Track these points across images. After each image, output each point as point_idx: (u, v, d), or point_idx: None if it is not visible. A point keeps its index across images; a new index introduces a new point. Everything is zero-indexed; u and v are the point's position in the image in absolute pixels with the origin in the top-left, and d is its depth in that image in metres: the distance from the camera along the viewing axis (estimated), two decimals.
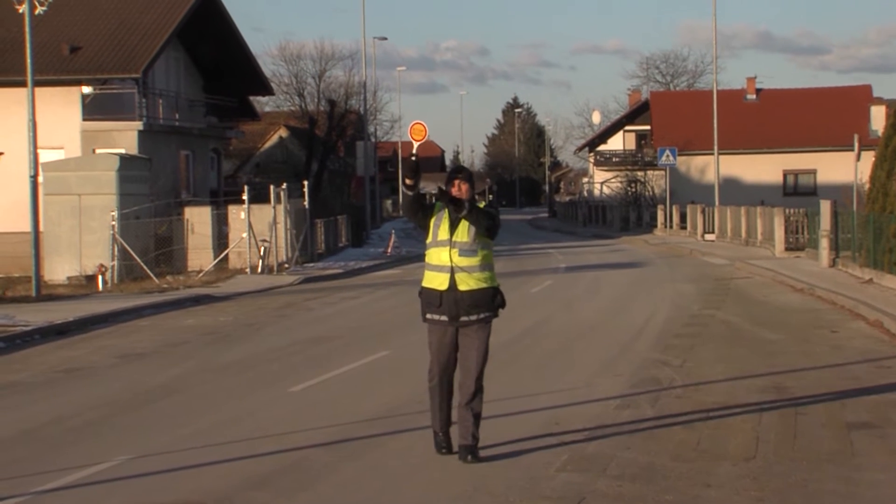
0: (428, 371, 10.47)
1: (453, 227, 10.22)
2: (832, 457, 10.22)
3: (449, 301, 10.19)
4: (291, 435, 11.53)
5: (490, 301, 10.31)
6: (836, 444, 10.72)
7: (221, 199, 44.36)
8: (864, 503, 8.83)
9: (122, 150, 40.09)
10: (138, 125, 42.39)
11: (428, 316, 10.33)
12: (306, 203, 41.48)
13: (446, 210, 10.27)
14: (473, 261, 10.21)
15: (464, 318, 10.24)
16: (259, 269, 35.72)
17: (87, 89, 43.09)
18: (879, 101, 71.80)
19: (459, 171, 10.47)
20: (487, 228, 10.25)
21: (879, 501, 8.86)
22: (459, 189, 10.25)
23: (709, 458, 10.21)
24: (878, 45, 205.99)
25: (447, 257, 10.19)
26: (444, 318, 10.24)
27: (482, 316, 10.30)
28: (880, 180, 27.73)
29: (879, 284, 25.37)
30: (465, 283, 10.19)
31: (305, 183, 43.76)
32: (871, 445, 10.66)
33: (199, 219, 37.95)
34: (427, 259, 10.37)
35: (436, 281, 10.24)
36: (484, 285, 10.25)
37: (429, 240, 10.36)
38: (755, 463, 10.02)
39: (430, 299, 10.26)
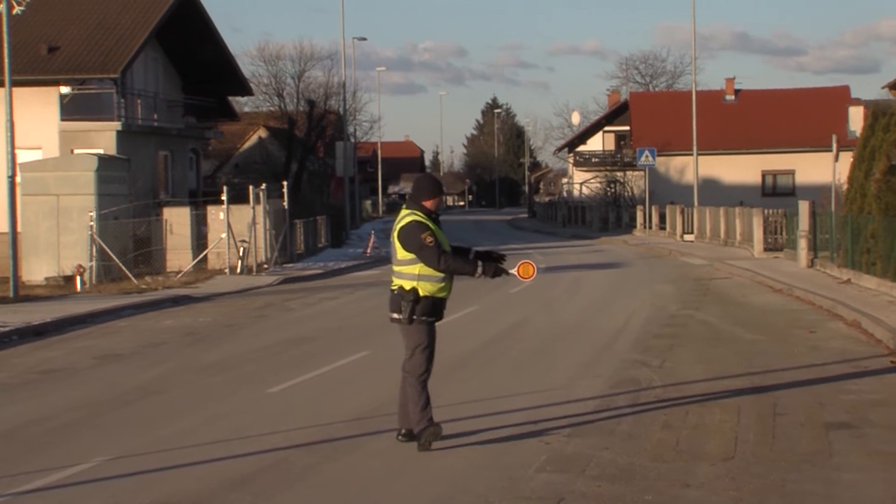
0: (423, 367, 10.68)
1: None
2: (810, 457, 10.26)
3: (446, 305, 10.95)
4: (271, 436, 11.51)
5: None
6: (815, 445, 10.76)
7: (200, 199, 44.26)
8: (842, 503, 8.85)
9: (101, 151, 39.94)
10: (117, 125, 42.26)
11: (430, 318, 10.72)
12: (286, 203, 41.41)
13: (432, 224, 10.70)
14: None
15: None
16: (238, 270, 35.64)
17: (65, 89, 42.93)
18: (857, 101, 71.98)
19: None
20: None
21: (857, 501, 8.89)
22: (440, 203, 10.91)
23: (688, 459, 10.23)
24: (853, 47, 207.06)
25: None
26: (435, 318, 10.79)
27: None
28: (858, 181, 27.82)
29: (857, 285, 25.46)
30: None
31: (285, 183, 43.66)
32: (850, 446, 10.69)
33: (177, 219, 37.85)
34: (433, 272, 10.68)
35: (445, 290, 10.80)
36: None
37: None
38: (734, 463, 10.05)
39: (438, 306, 10.79)
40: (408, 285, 10.63)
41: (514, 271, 10.91)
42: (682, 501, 8.91)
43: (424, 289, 10.62)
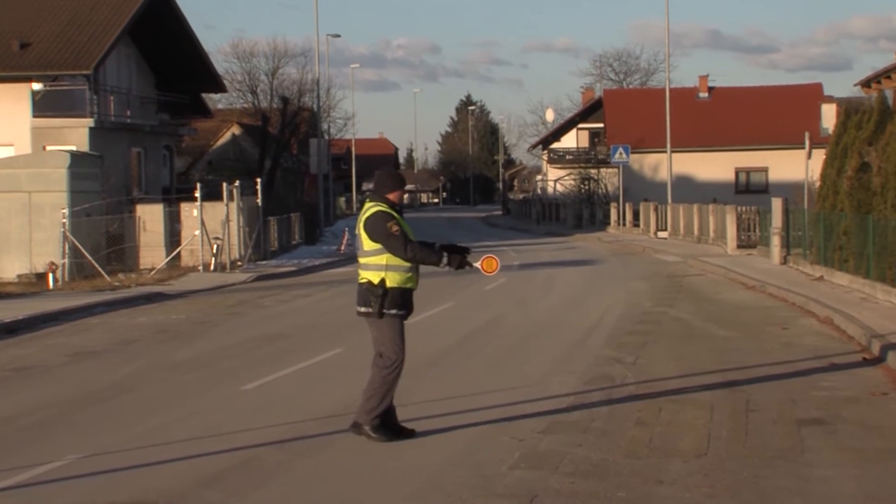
0: (393, 366, 10.72)
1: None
2: (783, 453, 10.29)
3: (413, 297, 10.98)
4: (244, 433, 11.48)
5: None
6: (787, 441, 10.79)
7: (174, 196, 44.11)
8: (814, 499, 8.88)
9: (73, 148, 39.78)
10: (89, 122, 42.12)
11: (400, 312, 10.75)
12: (259, 201, 41.32)
13: (398, 216, 10.78)
14: None
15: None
16: (212, 267, 35.55)
17: (37, 86, 42.77)
18: (830, 99, 72.29)
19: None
20: None
21: (829, 498, 8.92)
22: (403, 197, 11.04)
23: (661, 455, 10.25)
24: (825, 45, 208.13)
25: None
26: (404, 312, 10.83)
27: None
28: (831, 178, 27.94)
29: (830, 281, 25.57)
30: None
31: (258, 180, 43.59)
32: (822, 442, 10.73)
33: (151, 216, 37.74)
34: (402, 262, 10.75)
35: (412, 281, 10.86)
36: None
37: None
38: (707, 459, 10.07)
39: (406, 298, 10.81)
40: (376, 277, 10.68)
41: (477, 265, 11.00)
42: (656, 498, 8.92)
43: (392, 279, 10.67)
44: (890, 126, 23.78)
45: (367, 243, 10.72)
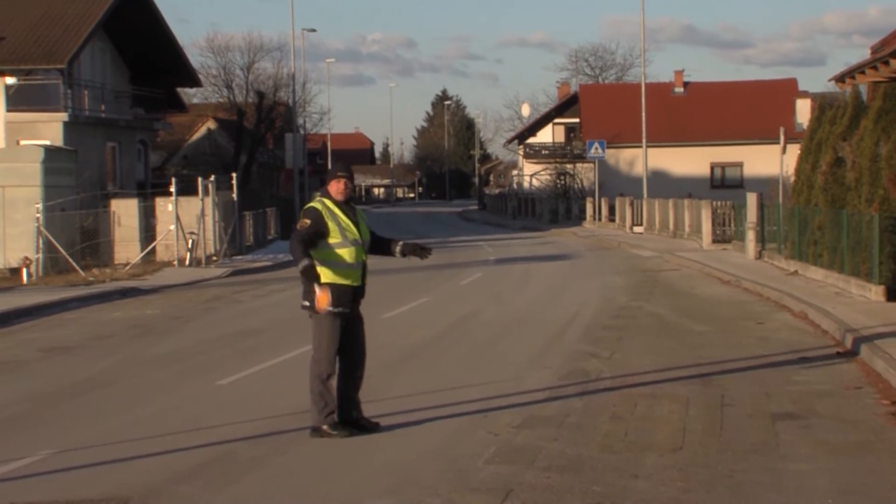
0: (324, 365, 10.92)
1: (357, 227, 10.91)
2: (758, 447, 10.32)
3: (357, 295, 10.98)
4: (219, 428, 11.46)
5: None
6: (762, 435, 10.83)
7: (149, 191, 43.96)
8: (788, 493, 8.91)
9: (47, 142, 39.60)
10: (63, 117, 41.92)
11: (338, 309, 10.80)
12: (235, 195, 41.22)
13: (338, 210, 10.87)
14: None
15: (357, 310, 11.06)
16: (187, 262, 35.44)
17: (10, 80, 42.53)
18: (805, 94, 72.55)
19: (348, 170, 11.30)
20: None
21: (803, 491, 8.95)
22: (347, 188, 11.03)
23: (636, 450, 10.27)
24: (799, 40, 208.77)
25: (361, 255, 10.91)
26: (347, 310, 10.86)
27: None
28: (805, 173, 28.04)
29: (804, 276, 25.66)
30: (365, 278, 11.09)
31: (234, 175, 43.46)
32: (796, 436, 10.77)
33: (125, 211, 37.60)
34: (338, 258, 10.82)
35: (350, 277, 10.85)
36: None
37: (337, 240, 10.82)
38: (682, 454, 10.09)
39: (343, 295, 10.80)
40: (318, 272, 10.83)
41: (318, 292, 10.71)
42: (631, 492, 8.94)
43: (325, 275, 10.78)
44: (864, 121, 23.89)
45: None
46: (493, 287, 27.55)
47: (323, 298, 10.67)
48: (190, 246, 35.78)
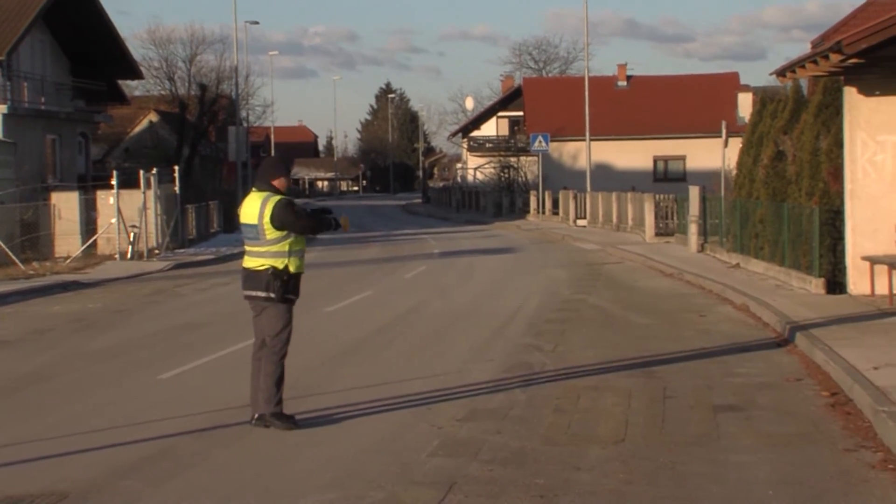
0: (285, 346, 11.10)
1: None
2: (699, 439, 10.38)
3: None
4: (161, 422, 11.38)
5: None
6: (704, 427, 10.89)
7: (90, 184, 43.59)
8: (730, 484, 8.97)
9: None
10: (2, 109, 41.46)
11: (296, 297, 11.10)
12: (177, 188, 40.97)
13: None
14: None
15: None
16: (129, 256, 35.19)
17: None
18: (746, 88, 73.06)
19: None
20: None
21: (745, 482, 9.01)
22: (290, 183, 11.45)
23: (579, 442, 10.30)
24: (739, 34, 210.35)
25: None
26: (297, 297, 11.16)
27: None
28: (747, 166, 28.23)
29: (746, 269, 25.85)
30: None
31: (176, 168, 43.18)
32: (737, 428, 10.84)
33: (66, 204, 37.27)
34: (301, 246, 11.06)
35: (303, 266, 11.19)
36: None
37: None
38: (624, 446, 10.14)
39: (298, 283, 11.12)
40: (280, 263, 10.87)
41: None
42: (574, 484, 8.96)
43: (294, 265, 10.92)
44: (804, 115, 24.07)
45: (271, 233, 10.83)
46: (437, 280, 27.55)
47: (346, 221, 11.32)
48: (132, 239, 35.54)
